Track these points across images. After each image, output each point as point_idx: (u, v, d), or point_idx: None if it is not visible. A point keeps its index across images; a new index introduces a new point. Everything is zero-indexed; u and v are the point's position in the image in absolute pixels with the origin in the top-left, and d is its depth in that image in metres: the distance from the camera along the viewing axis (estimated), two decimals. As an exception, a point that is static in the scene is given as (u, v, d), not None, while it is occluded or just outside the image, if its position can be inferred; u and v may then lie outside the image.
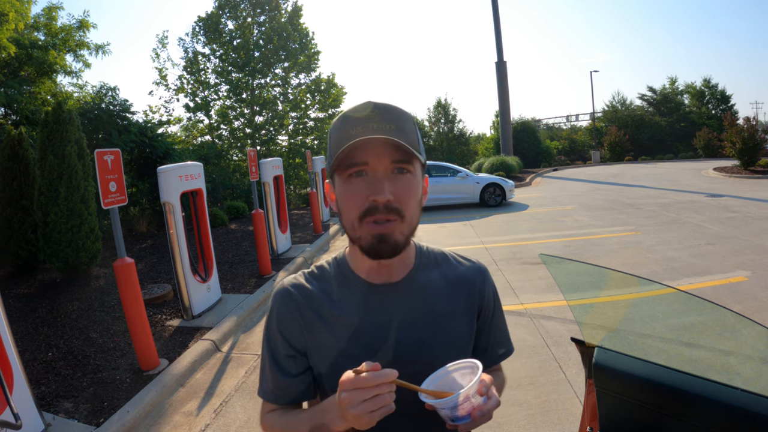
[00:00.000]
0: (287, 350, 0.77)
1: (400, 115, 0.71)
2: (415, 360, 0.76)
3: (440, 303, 0.80)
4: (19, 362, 2.35)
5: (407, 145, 0.68)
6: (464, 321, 0.82)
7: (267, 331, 0.80)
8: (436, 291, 0.80)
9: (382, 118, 0.69)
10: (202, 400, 3.05)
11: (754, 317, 2.42)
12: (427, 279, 0.81)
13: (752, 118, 15.64)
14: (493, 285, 0.88)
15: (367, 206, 0.68)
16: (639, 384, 1.00)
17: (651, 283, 1.33)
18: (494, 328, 0.87)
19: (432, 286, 0.80)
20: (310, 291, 0.78)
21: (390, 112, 0.70)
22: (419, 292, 0.79)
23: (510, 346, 0.90)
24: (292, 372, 0.77)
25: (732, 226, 7.02)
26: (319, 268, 0.83)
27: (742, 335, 1.13)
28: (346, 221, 0.72)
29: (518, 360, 3.23)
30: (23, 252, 5.36)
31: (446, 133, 24.85)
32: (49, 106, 6.83)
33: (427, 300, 0.79)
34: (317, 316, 0.77)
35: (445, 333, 0.78)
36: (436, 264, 0.84)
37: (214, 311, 4.48)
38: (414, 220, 0.73)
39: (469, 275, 0.84)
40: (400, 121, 0.70)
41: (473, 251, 6.49)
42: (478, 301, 0.84)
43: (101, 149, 3.05)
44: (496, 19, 20.61)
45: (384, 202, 0.67)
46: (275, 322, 0.78)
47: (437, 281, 0.81)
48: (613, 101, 30.87)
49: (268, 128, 14.79)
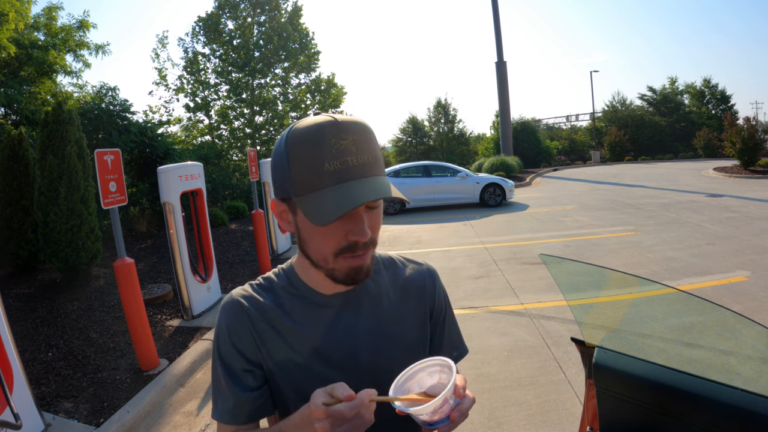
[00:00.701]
0: (242, 364, 0.73)
1: (369, 137, 0.66)
2: (372, 368, 0.75)
3: (392, 309, 0.79)
4: (19, 362, 2.35)
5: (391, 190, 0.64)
6: (417, 325, 0.81)
7: (219, 346, 0.74)
8: (387, 297, 0.80)
9: (359, 149, 0.63)
10: (202, 400, 3.05)
11: (754, 317, 2.42)
12: (377, 286, 0.80)
13: (752, 118, 15.65)
14: (442, 287, 0.87)
15: (346, 244, 0.66)
16: (639, 384, 1.00)
17: (651, 283, 1.33)
18: (447, 329, 0.86)
19: (383, 292, 0.80)
20: (261, 303, 0.75)
21: (362, 138, 0.64)
22: (370, 299, 0.78)
23: (464, 348, 0.89)
24: (251, 386, 0.73)
25: (732, 226, 7.02)
26: (266, 279, 0.79)
27: (742, 335, 1.13)
28: (315, 254, 0.69)
29: (518, 360, 3.23)
30: (23, 252, 5.36)
31: (446, 133, 24.85)
32: (49, 106, 6.82)
33: (379, 307, 0.78)
34: (270, 327, 0.73)
35: (400, 339, 0.78)
36: (385, 270, 0.83)
37: (215, 311, 4.48)
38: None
39: (418, 279, 0.84)
40: (371, 147, 0.65)
41: (473, 251, 6.49)
42: (429, 304, 0.83)
43: (101, 149, 3.05)
44: (496, 19, 20.62)
45: (365, 241, 0.66)
46: (227, 336, 0.73)
47: (387, 287, 0.81)
48: (613, 101, 30.90)
49: (268, 128, 14.79)
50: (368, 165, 0.64)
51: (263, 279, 0.80)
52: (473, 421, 2.56)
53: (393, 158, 25.45)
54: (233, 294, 0.77)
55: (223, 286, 5.24)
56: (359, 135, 0.64)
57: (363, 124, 0.66)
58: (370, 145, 0.65)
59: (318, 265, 0.70)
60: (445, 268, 5.60)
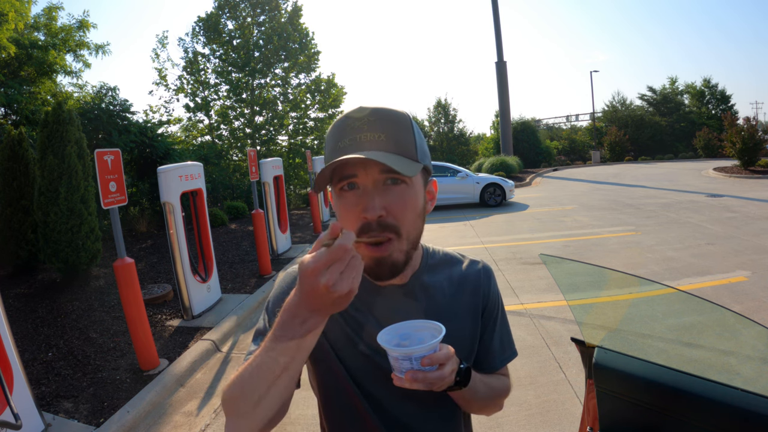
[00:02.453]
0: None
1: (392, 120, 0.67)
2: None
3: (445, 304, 0.79)
4: (19, 362, 2.35)
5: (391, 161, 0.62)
6: (469, 322, 0.81)
7: (269, 304, 0.77)
8: (442, 292, 0.80)
9: (371, 127, 0.65)
10: (202, 400, 3.05)
11: (754, 317, 2.42)
12: (432, 281, 0.80)
13: (752, 118, 15.65)
14: (496, 286, 0.87)
15: (361, 224, 0.65)
16: (639, 384, 1.00)
17: (651, 283, 1.33)
18: (498, 330, 0.86)
19: (437, 287, 0.80)
20: None
21: (381, 118, 0.66)
22: (425, 294, 0.79)
23: (513, 350, 0.88)
24: None
25: (732, 226, 7.02)
26: None
27: (742, 335, 1.13)
28: None
29: (518, 360, 3.23)
30: (23, 252, 5.36)
31: (446, 133, 24.84)
32: (49, 106, 6.83)
33: (433, 301, 0.79)
34: None
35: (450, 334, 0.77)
36: (442, 265, 0.83)
37: (214, 311, 4.48)
38: (413, 234, 0.69)
39: (474, 276, 0.84)
40: (391, 127, 0.66)
41: (473, 251, 6.48)
42: (483, 302, 0.83)
43: (101, 149, 3.05)
44: (496, 19, 20.62)
45: (374, 219, 0.64)
46: (279, 298, 0.75)
47: (442, 282, 0.81)
48: (613, 101, 30.90)
49: (268, 128, 14.79)
50: (378, 141, 0.65)
51: None
52: (473, 420, 2.56)
53: (393, 158, 25.36)
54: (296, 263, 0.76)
55: (223, 286, 5.24)
56: (375, 116, 0.66)
57: (384, 108, 0.68)
58: (386, 125, 0.66)
59: None
60: (445, 268, 5.58)
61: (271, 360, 0.57)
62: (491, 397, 0.83)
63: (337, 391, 0.77)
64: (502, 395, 0.86)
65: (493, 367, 0.85)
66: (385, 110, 0.67)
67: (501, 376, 0.88)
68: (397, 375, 0.65)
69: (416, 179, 0.69)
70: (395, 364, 0.65)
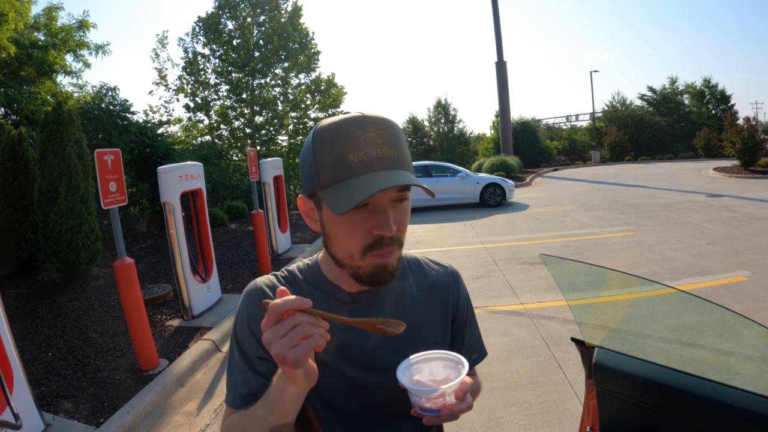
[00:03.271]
0: (257, 351, 0.71)
1: (396, 133, 0.66)
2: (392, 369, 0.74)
3: (415, 311, 0.79)
4: (19, 362, 2.35)
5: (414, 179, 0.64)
6: (439, 328, 0.81)
7: (237, 331, 0.74)
8: (411, 298, 0.80)
9: (384, 142, 0.64)
10: (202, 400, 3.05)
11: (754, 317, 2.42)
12: (401, 287, 0.80)
13: (752, 118, 15.65)
14: (465, 290, 0.87)
15: (372, 241, 0.65)
16: (639, 384, 1.00)
17: (651, 283, 1.33)
18: (468, 332, 0.87)
19: (407, 293, 0.80)
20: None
21: (388, 131, 0.65)
22: (394, 299, 0.78)
23: (483, 351, 0.90)
24: (264, 373, 0.71)
25: (732, 226, 7.02)
26: (290, 272, 0.79)
27: (742, 335, 1.13)
28: (341, 252, 0.68)
29: (518, 360, 3.23)
30: (23, 252, 5.36)
31: (446, 133, 24.86)
32: (49, 106, 6.83)
33: (402, 308, 0.78)
34: None
35: (420, 341, 0.77)
36: (411, 271, 0.83)
37: (214, 311, 4.48)
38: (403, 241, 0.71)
39: (443, 281, 0.84)
40: (398, 141, 0.66)
41: (473, 251, 6.49)
42: (453, 308, 0.83)
43: (101, 149, 3.05)
44: (496, 19, 20.62)
45: (390, 236, 0.65)
46: (246, 322, 0.73)
47: (411, 289, 0.81)
48: (613, 101, 30.92)
49: (268, 128, 14.79)
50: (393, 158, 0.64)
51: (287, 272, 0.79)
52: (473, 421, 2.56)
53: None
54: (257, 281, 0.77)
55: (223, 286, 5.24)
56: (384, 129, 0.65)
57: (388, 120, 0.67)
58: (395, 140, 0.66)
59: (343, 263, 0.69)
60: (445, 268, 5.59)
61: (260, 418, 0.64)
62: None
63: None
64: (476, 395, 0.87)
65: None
66: (386, 121, 0.66)
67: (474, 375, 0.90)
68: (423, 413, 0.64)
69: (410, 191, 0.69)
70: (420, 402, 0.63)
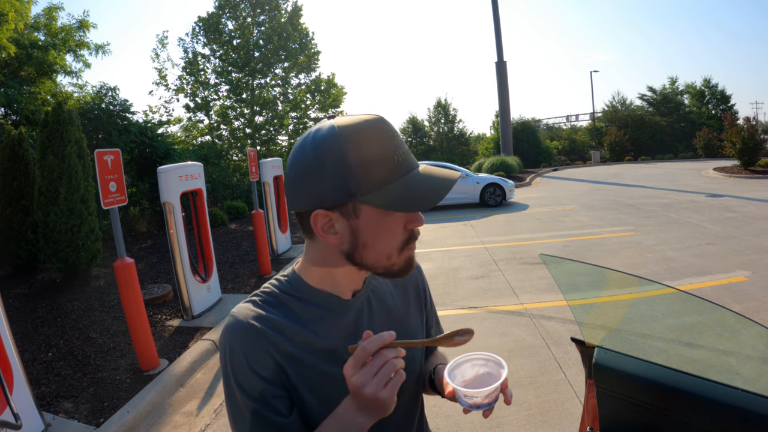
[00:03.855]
0: (272, 390, 0.65)
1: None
2: None
3: (397, 305, 0.82)
4: (19, 362, 2.35)
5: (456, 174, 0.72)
6: (417, 317, 0.85)
7: (236, 376, 0.64)
8: (390, 294, 0.82)
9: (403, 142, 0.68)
10: (202, 400, 3.05)
11: (754, 317, 2.42)
12: (379, 284, 0.81)
13: (752, 118, 15.65)
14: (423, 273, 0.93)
15: (407, 236, 0.68)
16: (639, 384, 1.00)
17: (651, 283, 1.33)
18: (432, 313, 0.94)
19: (386, 290, 0.81)
20: (276, 321, 0.67)
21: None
22: (378, 298, 0.79)
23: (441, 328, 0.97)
24: (285, 413, 0.65)
25: (732, 226, 7.02)
26: (267, 294, 0.71)
27: (742, 335, 1.13)
28: (377, 255, 0.65)
29: (518, 360, 3.23)
30: (23, 252, 5.36)
31: (446, 133, 24.86)
32: (49, 106, 6.83)
33: (386, 304, 0.80)
34: (292, 345, 0.66)
35: (408, 333, 0.81)
36: None
37: (214, 311, 4.48)
38: None
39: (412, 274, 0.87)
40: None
41: (473, 251, 6.49)
42: (423, 295, 0.89)
43: (101, 149, 3.05)
44: (496, 19, 20.62)
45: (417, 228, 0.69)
46: (246, 365, 0.64)
47: (388, 284, 0.82)
48: (613, 101, 30.91)
49: (268, 128, 14.79)
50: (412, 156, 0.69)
51: (264, 294, 0.71)
52: (473, 421, 2.56)
53: (393, 158, 25.44)
54: (240, 316, 0.67)
55: (223, 286, 5.24)
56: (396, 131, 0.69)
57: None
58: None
59: (376, 266, 0.67)
60: (445, 268, 5.60)
61: None
62: None
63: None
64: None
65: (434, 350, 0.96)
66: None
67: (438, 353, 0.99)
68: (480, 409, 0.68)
69: None
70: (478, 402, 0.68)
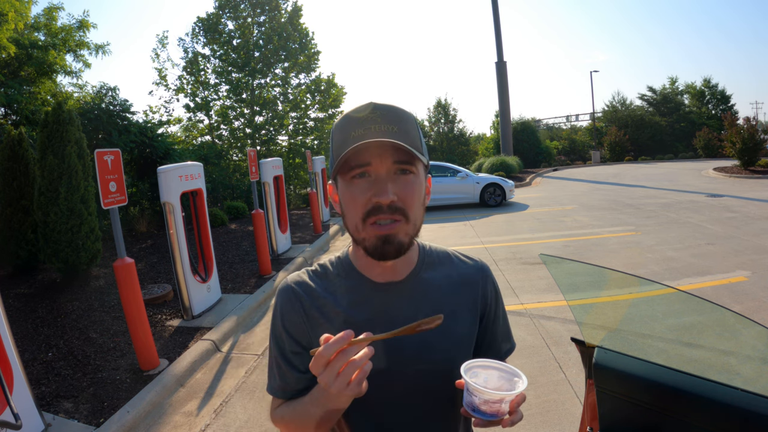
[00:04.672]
0: (293, 347, 0.78)
1: (402, 116, 0.71)
2: (418, 360, 0.76)
3: (443, 302, 0.80)
4: (19, 362, 2.35)
5: (409, 147, 0.68)
6: (467, 321, 0.81)
7: (273, 328, 0.80)
8: (439, 290, 0.80)
9: (384, 120, 0.69)
10: (202, 400, 3.05)
11: (754, 317, 2.42)
12: (430, 278, 0.81)
13: (752, 118, 15.64)
14: (494, 282, 0.88)
15: (370, 207, 0.69)
16: (639, 384, 1.00)
17: (651, 283, 1.33)
18: (497, 325, 0.87)
19: (435, 285, 0.81)
20: (314, 288, 0.79)
21: (392, 113, 0.70)
22: (423, 291, 0.79)
23: (512, 342, 0.91)
24: (300, 368, 0.77)
25: (732, 226, 7.02)
26: (321, 266, 0.83)
27: (742, 335, 1.13)
28: (350, 223, 0.73)
29: (518, 360, 3.23)
30: (23, 252, 5.36)
31: (446, 133, 24.83)
32: (49, 106, 6.83)
33: (431, 299, 0.79)
34: (320, 313, 0.77)
35: (449, 333, 0.79)
36: (440, 263, 0.84)
37: (214, 311, 4.48)
38: (418, 221, 0.73)
39: (472, 275, 0.84)
40: (402, 122, 0.70)
41: (473, 251, 6.46)
42: (481, 301, 0.84)
43: (101, 149, 3.05)
44: (496, 20, 20.61)
45: (387, 203, 0.68)
46: (279, 319, 0.79)
47: (440, 281, 0.81)
48: (613, 101, 30.88)
49: (268, 128, 14.79)
50: (392, 132, 0.68)
51: (319, 266, 0.83)
52: (473, 421, 2.56)
53: (393, 158, 25.44)
54: (288, 279, 0.82)
55: (223, 286, 5.24)
56: (388, 110, 0.70)
57: (397, 107, 0.72)
58: (398, 119, 0.70)
59: (355, 238, 0.74)
60: (445, 268, 5.58)
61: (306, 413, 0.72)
62: None
63: None
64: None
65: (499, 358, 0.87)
66: (393, 106, 0.71)
67: None
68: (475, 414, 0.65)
69: (420, 172, 0.73)
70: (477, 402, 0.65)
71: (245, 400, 3.02)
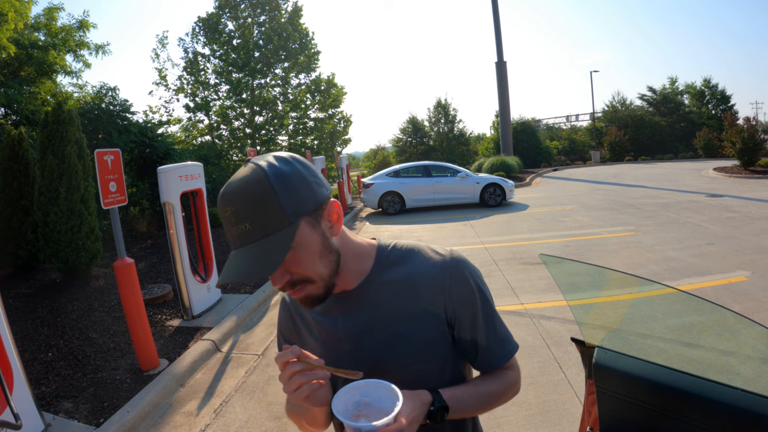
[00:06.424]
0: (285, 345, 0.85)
1: (250, 197, 0.63)
2: (381, 365, 0.76)
3: (402, 305, 0.77)
4: (19, 362, 2.35)
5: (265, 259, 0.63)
6: (431, 323, 0.77)
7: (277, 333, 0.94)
8: (398, 293, 0.77)
9: (238, 218, 0.64)
10: (202, 400, 3.05)
11: (754, 317, 2.42)
12: (387, 281, 0.78)
13: (752, 118, 15.63)
14: (469, 278, 0.79)
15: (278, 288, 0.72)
16: (639, 384, 1.00)
17: (651, 283, 1.33)
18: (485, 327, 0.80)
19: (392, 288, 0.77)
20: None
21: (242, 201, 0.64)
22: (378, 296, 0.77)
23: (512, 345, 0.84)
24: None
25: (732, 226, 7.02)
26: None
27: (742, 335, 1.13)
28: None
29: (518, 360, 3.21)
30: (23, 252, 5.35)
31: (446, 133, 24.85)
32: (49, 106, 6.83)
33: (387, 303, 0.77)
34: (302, 320, 0.86)
35: (410, 336, 0.76)
36: (401, 262, 0.79)
37: (214, 311, 4.48)
38: (326, 272, 0.70)
39: (435, 272, 0.77)
40: (253, 210, 0.63)
41: (473, 251, 6.49)
42: (449, 299, 0.77)
43: (101, 149, 3.05)
44: (496, 19, 20.61)
45: (280, 287, 0.70)
46: (278, 325, 0.92)
47: (399, 282, 0.77)
48: (613, 101, 30.86)
49: (268, 128, 14.80)
50: (247, 233, 0.64)
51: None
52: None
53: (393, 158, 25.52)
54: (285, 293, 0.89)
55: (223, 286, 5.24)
56: (240, 203, 0.64)
57: (242, 186, 0.64)
58: (248, 210, 0.64)
59: None
60: (445, 268, 5.58)
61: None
62: (488, 403, 0.82)
63: None
64: (503, 396, 0.84)
65: (490, 365, 0.83)
66: (240, 188, 0.64)
67: (505, 371, 0.85)
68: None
69: (300, 232, 0.66)
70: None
71: (245, 400, 3.02)
